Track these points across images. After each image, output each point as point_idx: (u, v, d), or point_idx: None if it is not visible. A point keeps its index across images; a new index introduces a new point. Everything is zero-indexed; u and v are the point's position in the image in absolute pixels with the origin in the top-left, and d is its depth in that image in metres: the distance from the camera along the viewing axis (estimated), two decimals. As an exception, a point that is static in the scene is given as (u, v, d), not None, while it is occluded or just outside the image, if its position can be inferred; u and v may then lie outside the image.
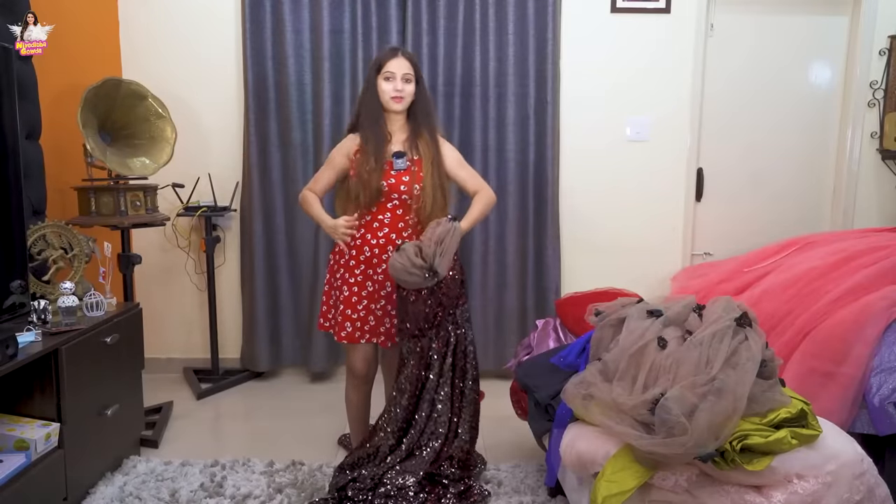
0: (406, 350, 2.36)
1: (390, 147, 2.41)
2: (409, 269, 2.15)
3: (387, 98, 2.37)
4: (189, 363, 3.75)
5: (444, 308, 2.31)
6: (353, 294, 2.43)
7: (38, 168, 2.77)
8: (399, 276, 2.19)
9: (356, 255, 2.42)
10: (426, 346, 2.33)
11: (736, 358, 1.85)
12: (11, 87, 2.11)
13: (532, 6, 3.48)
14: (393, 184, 2.36)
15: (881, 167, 3.77)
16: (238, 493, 2.42)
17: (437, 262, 2.15)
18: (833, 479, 1.74)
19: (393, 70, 2.36)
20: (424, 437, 2.36)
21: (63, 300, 2.36)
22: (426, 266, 2.14)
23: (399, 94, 2.36)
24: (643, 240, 3.73)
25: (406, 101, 2.39)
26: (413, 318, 2.28)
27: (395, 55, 2.38)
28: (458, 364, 2.39)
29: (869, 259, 2.81)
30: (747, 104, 3.74)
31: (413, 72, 2.39)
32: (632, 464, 1.79)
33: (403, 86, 2.36)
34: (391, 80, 2.36)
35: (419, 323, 2.28)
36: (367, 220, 2.40)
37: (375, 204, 2.39)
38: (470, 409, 2.44)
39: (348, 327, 2.43)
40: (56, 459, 2.17)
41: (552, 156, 3.58)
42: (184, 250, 3.61)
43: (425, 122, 2.44)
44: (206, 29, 3.54)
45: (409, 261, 2.15)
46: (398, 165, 2.37)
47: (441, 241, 2.18)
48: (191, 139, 3.48)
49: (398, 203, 2.39)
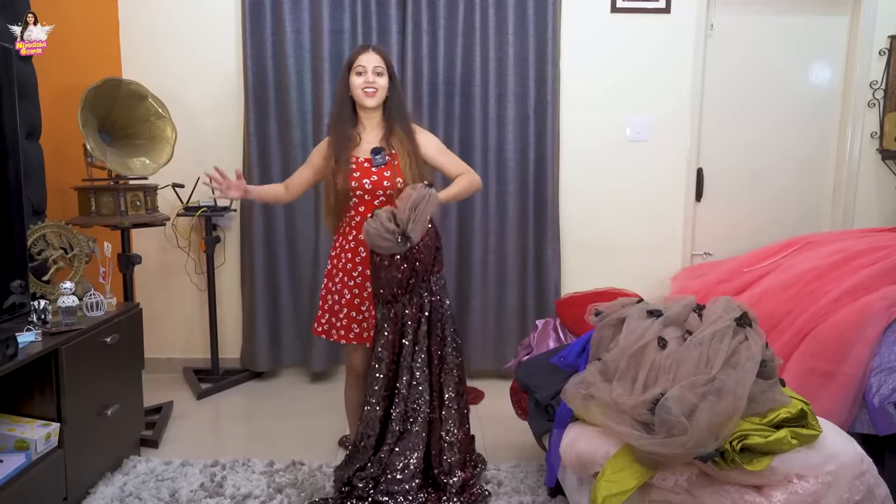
0: (381, 316, 2.35)
1: (363, 146, 2.41)
2: (382, 234, 2.14)
3: (358, 92, 2.37)
4: (189, 363, 3.75)
5: (417, 274, 2.30)
6: (355, 297, 2.44)
7: (38, 168, 2.77)
8: (373, 241, 2.18)
9: (352, 257, 2.42)
10: (399, 311, 2.33)
11: (736, 358, 1.85)
12: (11, 87, 2.11)
13: (532, 6, 3.48)
14: (375, 181, 2.36)
15: (881, 167, 3.77)
16: (238, 493, 2.42)
17: (410, 227, 2.14)
18: (833, 479, 1.74)
19: (363, 64, 2.36)
20: (410, 405, 2.35)
21: (63, 300, 2.36)
22: (399, 231, 2.14)
23: (370, 85, 2.36)
24: (643, 240, 3.74)
25: (379, 95, 2.38)
26: (386, 284, 2.27)
27: (366, 50, 2.40)
28: (434, 331, 2.38)
29: (869, 259, 2.81)
30: (747, 104, 3.74)
31: (384, 65, 2.39)
32: (632, 464, 1.79)
33: (375, 78, 2.36)
34: (362, 74, 2.36)
35: (392, 288, 2.28)
36: (358, 221, 2.40)
37: (345, 204, 2.39)
38: (453, 376, 2.41)
39: (355, 329, 2.44)
40: (56, 459, 2.17)
41: (552, 156, 3.58)
42: (184, 250, 3.61)
43: (398, 115, 2.44)
44: (206, 29, 3.55)
45: (382, 226, 2.14)
46: (378, 161, 2.37)
47: (415, 207, 2.16)
48: (191, 139, 3.48)
49: (384, 199, 2.39)
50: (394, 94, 2.43)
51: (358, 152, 2.40)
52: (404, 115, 2.47)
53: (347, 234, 2.43)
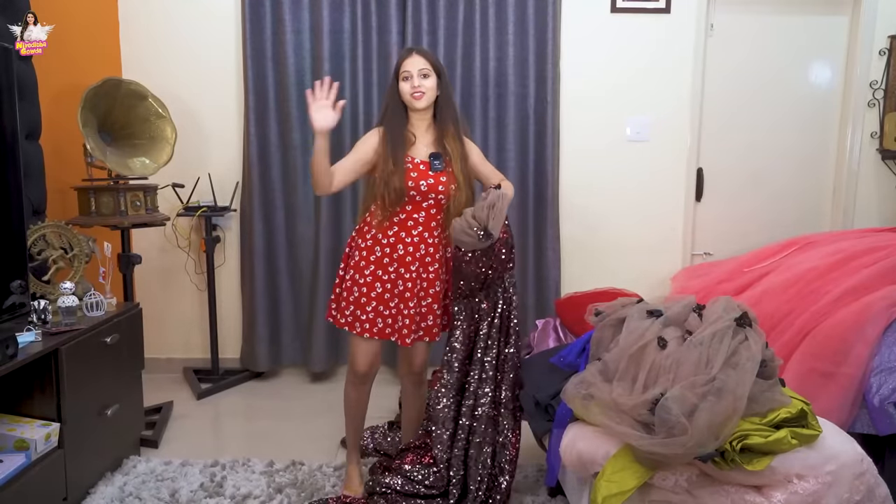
0: (456, 311, 2.43)
1: (420, 148, 2.42)
2: (466, 231, 2.27)
3: (408, 98, 2.38)
4: (189, 363, 3.75)
5: (495, 270, 2.39)
6: (386, 291, 2.40)
7: (38, 168, 2.77)
8: (458, 236, 2.31)
9: (389, 252, 2.40)
10: (476, 306, 2.42)
11: (736, 358, 1.85)
12: (11, 87, 2.11)
13: (532, 6, 3.48)
14: (432, 184, 2.37)
15: (881, 167, 3.77)
16: (238, 493, 2.42)
17: (491, 224, 2.27)
18: (833, 479, 1.74)
19: (409, 69, 2.37)
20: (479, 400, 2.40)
21: (63, 300, 2.36)
22: (480, 227, 2.27)
23: (417, 89, 2.36)
24: (643, 240, 3.73)
25: (428, 97, 2.38)
26: (466, 278, 2.38)
27: (410, 55, 2.40)
28: (504, 326, 2.45)
29: (869, 259, 2.81)
30: (747, 104, 3.73)
31: (430, 66, 2.39)
32: (632, 464, 1.79)
33: (421, 81, 2.36)
34: (409, 79, 2.37)
35: (470, 282, 2.38)
36: (402, 219, 2.39)
37: (399, 205, 2.39)
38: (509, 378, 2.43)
39: (379, 324, 2.41)
40: (56, 459, 2.17)
41: (552, 156, 3.58)
42: (184, 250, 3.61)
43: (450, 116, 2.46)
44: (206, 29, 3.55)
45: (466, 222, 2.28)
46: (436, 167, 2.38)
47: (493, 206, 2.28)
48: (191, 139, 3.48)
49: (433, 203, 2.41)
50: (444, 92, 2.44)
51: (413, 153, 2.40)
52: (455, 115, 2.49)
53: (387, 228, 2.41)
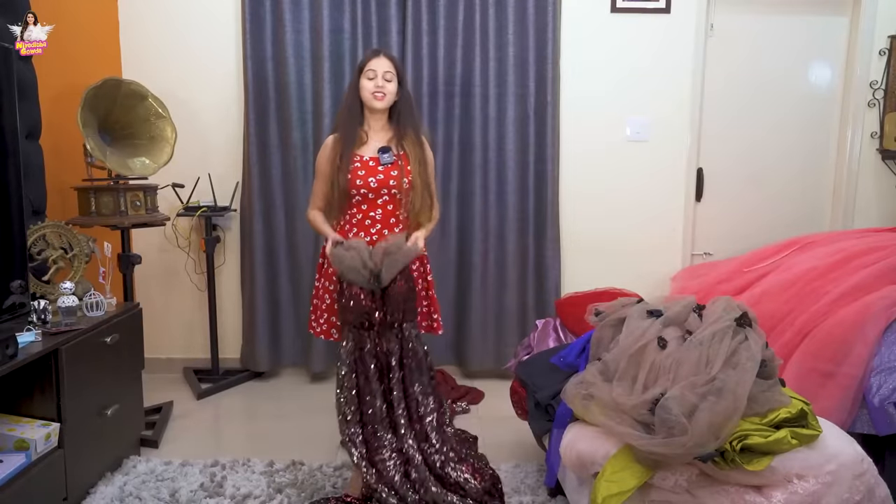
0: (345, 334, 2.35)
1: (371, 144, 2.42)
2: (357, 268, 2.22)
3: (368, 95, 2.40)
4: (189, 363, 3.75)
5: (385, 317, 2.31)
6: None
7: (38, 168, 2.77)
8: (345, 270, 2.24)
9: None
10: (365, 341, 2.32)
11: (736, 358, 1.85)
12: (11, 87, 2.11)
13: (532, 6, 3.48)
14: (382, 179, 2.37)
15: (881, 167, 3.77)
16: (238, 493, 2.42)
17: (384, 272, 2.23)
18: (833, 479, 1.74)
19: (374, 68, 2.39)
20: None
21: (63, 300, 2.36)
22: (372, 270, 2.23)
23: (380, 90, 2.38)
24: (643, 240, 3.73)
25: (388, 99, 2.41)
26: (347, 310, 2.30)
27: (377, 55, 2.43)
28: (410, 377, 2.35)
29: (869, 259, 2.81)
30: (747, 104, 3.74)
31: (394, 71, 2.42)
32: (632, 464, 1.79)
33: (384, 83, 2.39)
34: (373, 78, 2.39)
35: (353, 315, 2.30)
36: (360, 219, 2.39)
37: (346, 203, 2.39)
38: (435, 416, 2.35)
39: None
40: (56, 459, 2.17)
41: (552, 156, 3.58)
42: (184, 250, 3.61)
43: (409, 122, 2.47)
44: (206, 29, 3.55)
45: (360, 259, 2.22)
46: (385, 160, 2.38)
47: (388, 254, 2.24)
48: (191, 139, 3.48)
49: (388, 198, 2.39)
50: (403, 99, 2.46)
51: (364, 151, 2.41)
52: (416, 122, 2.50)
53: (347, 231, 2.42)
